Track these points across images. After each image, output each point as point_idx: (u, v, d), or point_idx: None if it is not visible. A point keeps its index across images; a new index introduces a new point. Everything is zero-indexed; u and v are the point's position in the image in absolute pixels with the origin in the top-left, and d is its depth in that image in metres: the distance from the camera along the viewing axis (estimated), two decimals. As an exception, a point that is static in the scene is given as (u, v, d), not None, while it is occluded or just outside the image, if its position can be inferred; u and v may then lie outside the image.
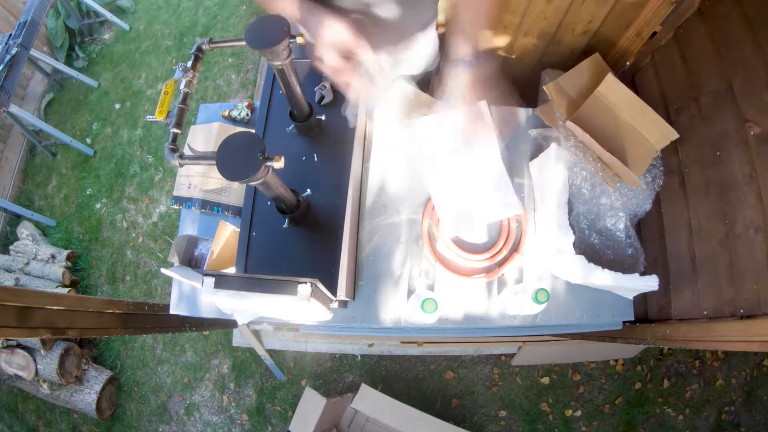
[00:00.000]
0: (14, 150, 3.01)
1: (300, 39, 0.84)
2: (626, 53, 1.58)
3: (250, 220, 1.08)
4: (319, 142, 1.14)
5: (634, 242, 1.35)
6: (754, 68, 1.11)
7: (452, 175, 1.31)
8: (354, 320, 1.27)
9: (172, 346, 2.54)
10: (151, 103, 3.07)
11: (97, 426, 2.46)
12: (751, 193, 1.09)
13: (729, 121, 1.17)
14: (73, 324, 1.15)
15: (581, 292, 1.31)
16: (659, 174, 1.37)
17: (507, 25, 1.51)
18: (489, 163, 1.30)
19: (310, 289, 0.85)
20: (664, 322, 1.32)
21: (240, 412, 2.43)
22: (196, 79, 0.94)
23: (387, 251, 1.31)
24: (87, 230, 2.80)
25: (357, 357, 2.44)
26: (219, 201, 1.36)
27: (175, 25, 3.30)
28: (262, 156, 0.76)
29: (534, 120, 1.45)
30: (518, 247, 1.28)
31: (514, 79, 1.80)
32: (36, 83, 3.20)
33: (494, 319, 1.28)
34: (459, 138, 1.29)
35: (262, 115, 1.17)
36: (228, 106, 1.47)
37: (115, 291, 2.68)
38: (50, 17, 3.11)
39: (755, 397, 2.36)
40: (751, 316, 1.05)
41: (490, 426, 2.35)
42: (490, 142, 1.30)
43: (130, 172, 2.90)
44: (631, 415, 2.35)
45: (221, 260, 1.24)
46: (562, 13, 1.44)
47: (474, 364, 2.42)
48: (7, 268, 2.45)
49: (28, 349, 2.23)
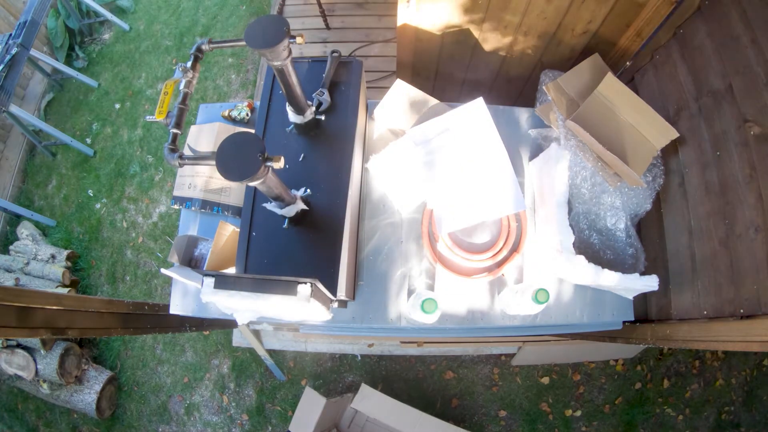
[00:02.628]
0: (14, 150, 3.00)
1: (300, 39, 0.84)
2: (626, 53, 1.58)
3: (250, 220, 1.08)
4: (319, 142, 1.14)
5: (635, 242, 1.35)
6: (754, 68, 1.11)
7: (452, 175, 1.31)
8: (354, 320, 1.27)
9: (172, 346, 2.54)
10: (151, 103, 3.07)
11: (97, 426, 2.46)
12: (751, 193, 1.09)
13: (729, 121, 1.17)
14: (73, 324, 1.15)
15: (581, 292, 1.31)
16: (659, 173, 1.36)
17: (507, 24, 1.51)
18: (493, 159, 1.29)
19: (310, 289, 0.85)
20: (664, 322, 1.32)
21: (240, 412, 2.43)
22: (195, 79, 0.94)
23: (387, 251, 1.31)
24: (87, 230, 2.80)
25: (357, 357, 2.44)
26: (219, 201, 1.36)
27: (175, 25, 3.30)
28: (262, 156, 0.76)
29: (534, 120, 1.45)
30: (518, 247, 1.28)
31: (513, 79, 1.80)
32: (36, 83, 3.20)
33: (494, 319, 1.28)
34: (459, 138, 1.29)
35: (262, 115, 1.17)
36: (228, 106, 1.47)
37: (115, 291, 2.68)
38: (50, 17, 3.11)
39: (755, 397, 2.36)
40: (751, 316, 1.05)
41: (490, 426, 2.35)
42: (493, 138, 1.30)
43: (130, 172, 2.90)
44: (631, 415, 2.35)
45: (221, 260, 1.24)
46: (562, 13, 1.44)
47: (474, 364, 2.42)
48: (7, 268, 2.45)
49: (28, 349, 2.23)
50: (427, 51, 1.70)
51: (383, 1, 2.76)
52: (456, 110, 1.31)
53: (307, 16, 2.74)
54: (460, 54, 1.69)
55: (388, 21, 2.69)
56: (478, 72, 1.79)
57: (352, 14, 2.75)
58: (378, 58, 2.61)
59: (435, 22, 1.53)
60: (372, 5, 2.77)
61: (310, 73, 1.20)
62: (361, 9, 2.76)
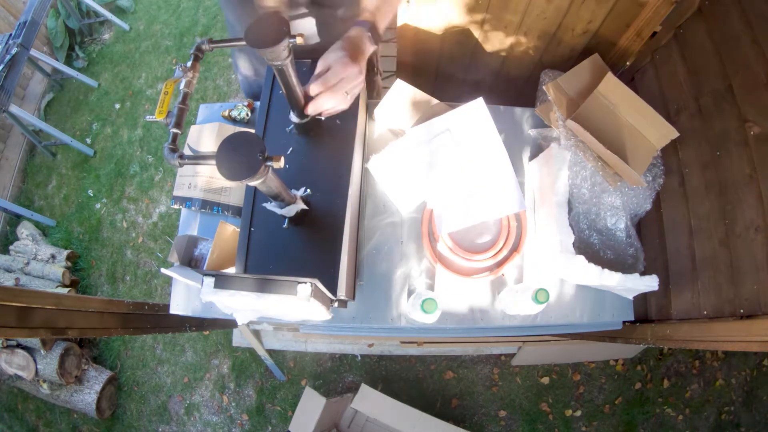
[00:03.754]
0: (14, 150, 3.00)
1: (300, 39, 0.84)
2: (626, 53, 1.58)
3: (250, 220, 1.08)
4: (320, 142, 1.14)
5: (634, 242, 1.35)
6: (754, 68, 1.11)
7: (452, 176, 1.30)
8: (354, 320, 1.27)
9: (172, 346, 2.54)
10: (151, 103, 3.07)
11: (97, 426, 2.46)
12: (751, 193, 1.09)
13: (729, 121, 1.17)
14: (73, 324, 1.15)
15: (581, 292, 1.31)
16: (659, 173, 1.37)
17: (507, 24, 1.51)
18: (493, 159, 1.29)
19: (310, 289, 0.85)
20: (664, 322, 1.32)
21: (240, 412, 2.43)
22: (196, 79, 0.93)
23: (387, 251, 1.31)
24: (87, 230, 2.80)
25: (357, 357, 2.44)
26: (219, 201, 1.36)
27: (175, 25, 3.30)
28: (262, 156, 0.76)
29: (534, 120, 1.45)
30: (518, 247, 1.28)
31: (513, 79, 1.80)
32: (36, 83, 3.20)
33: (494, 319, 1.28)
34: (459, 138, 1.29)
35: (262, 115, 1.17)
36: (228, 106, 1.47)
37: (115, 291, 2.68)
38: (50, 17, 3.11)
39: (755, 397, 2.36)
40: (751, 316, 1.05)
41: (490, 426, 2.35)
42: (492, 138, 1.29)
43: (130, 172, 2.90)
44: (631, 415, 2.35)
45: (221, 260, 1.24)
46: (562, 13, 1.44)
47: (474, 364, 2.42)
48: (7, 268, 2.45)
49: (28, 349, 2.23)
50: (428, 51, 1.70)
51: (383, 1, 2.76)
52: (456, 110, 1.31)
53: (307, 16, 2.74)
54: (461, 54, 1.69)
55: (388, 21, 2.69)
56: (478, 72, 1.79)
57: (352, 14, 2.75)
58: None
59: (435, 22, 1.53)
60: (372, 5, 2.76)
61: (310, 73, 1.20)
62: (361, 9, 2.76)
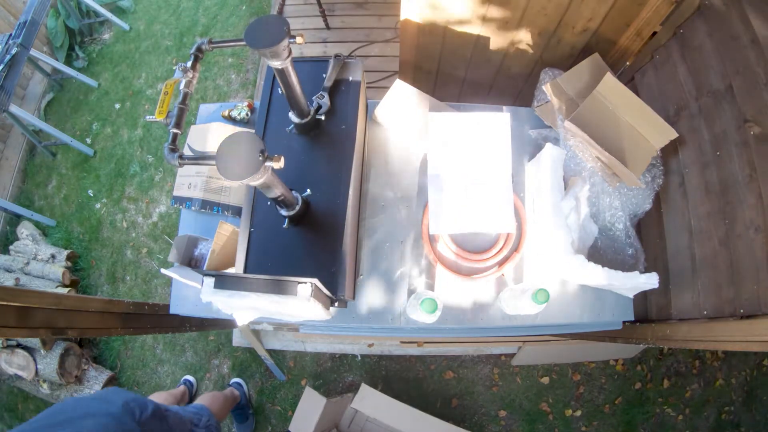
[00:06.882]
0: (14, 150, 3.00)
1: (300, 39, 0.84)
2: (626, 53, 1.58)
3: (250, 220, 1.08)
4: (319, 142, 1.14)
5: (634, 242, 1.35)
6: (754, 68, 1.11)
7: (454, 175, 1.31)
8: (354, 320, 1.27)
9: (172, 346, 2.54)
10: (151, 103, 3.07)
11: (97, 426, 2.46)
12: (751, 193, 1.09)
13: (729, 121, 1.17)
14: (73, 324, 1.15)
15: (581, 292, 1.31)
16: (659, 173, 1.36)
17: (508, 20, 1.51)
18: (497, 175, 1.30)
19: (310, 289, 0.85)
20: (664, 322, 1.32)
21: (240, 412, 2.43)
22: (196, 79, 0.94)
23: (387, 251, 1.31)
24: (87, 230, 2.80)
25: (357, 357, 2.43)
26: (219, 201, 1.36)
27: (175, 25, 3.30)
28: (262, 156, 0.76)
29: (534, 120, 1.45)
30: (518, 247, 1.28)
31: (514, 77, 1.80)
32: (36, 83, 3.20)
33: (494, 319, 1.28)
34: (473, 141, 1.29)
35: (262, 115, 1.17)
36: (228, 106, 1.47)
37: (115, 291, 2.68)
38: (50, 17, 3.11)
39: (755, 397, 2.36)
40: (751, 316, 1.05)
41: (490, 426, 2.35)
42: (504, 154, 1.31)
43: (130, 172, 2.90)
44: (631, 415, 2.35)
45: (221, 260, 1.24)
46: (562, 10, 1.44)
47: (474, 364, 2.42)
48: (7, 268, 2.45)
49: (28, 349, 2.23)
50: (429, 47, 1.70)
51: (383, 1, 2.76)
52: (481, 114, 1.32)
53: (307, 16, 2.74)
54: (462, 50, 1.69)
55: (388, 21, 2.70)
56: (479, 69, 1.79)
57: (352, 14, 2.76)
58: (378, 58, 2.61)
59: (437, 17, 1.53)
60: (372, 5, 2.77)
61: (310, 73, 1.20)
62: (361, 9, 2.77)
